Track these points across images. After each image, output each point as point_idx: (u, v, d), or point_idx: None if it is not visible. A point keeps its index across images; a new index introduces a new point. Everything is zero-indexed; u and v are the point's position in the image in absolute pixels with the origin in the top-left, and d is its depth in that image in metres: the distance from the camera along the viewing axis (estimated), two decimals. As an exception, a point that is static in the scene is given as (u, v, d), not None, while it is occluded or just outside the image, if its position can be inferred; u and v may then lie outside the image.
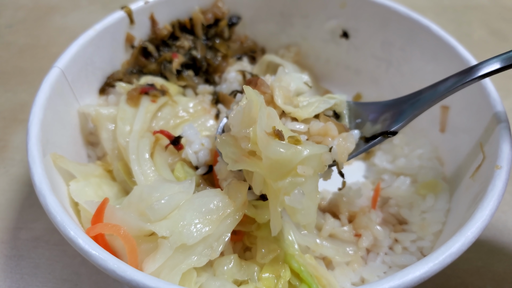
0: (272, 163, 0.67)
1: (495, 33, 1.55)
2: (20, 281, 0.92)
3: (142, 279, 0.59)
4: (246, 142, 0.70)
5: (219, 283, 0.72)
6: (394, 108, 0.85)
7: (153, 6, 1.07)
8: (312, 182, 0.69)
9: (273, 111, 0.73)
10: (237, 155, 0.72)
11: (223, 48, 1.15)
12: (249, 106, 0.69)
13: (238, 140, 0.71)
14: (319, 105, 0.84)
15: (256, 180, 0.73)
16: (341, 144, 0.77)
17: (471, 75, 0.76)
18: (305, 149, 0.68)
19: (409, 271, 0.61)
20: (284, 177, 0.67)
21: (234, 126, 0.71)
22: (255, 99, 0.69)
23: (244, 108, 0.69)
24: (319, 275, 0.80)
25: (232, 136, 0.73)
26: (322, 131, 0.79)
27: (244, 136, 0.70)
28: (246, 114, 0.69)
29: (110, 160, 0.93)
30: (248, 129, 0.69)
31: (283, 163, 0.67)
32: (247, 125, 0.69)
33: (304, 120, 0.82)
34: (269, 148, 0.66)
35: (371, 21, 1.09)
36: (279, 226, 0.72)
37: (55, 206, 0.67)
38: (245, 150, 0.70)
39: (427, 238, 0.89)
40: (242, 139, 0.70)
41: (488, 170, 0.76)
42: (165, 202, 0.73)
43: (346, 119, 0.88)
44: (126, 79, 1.07)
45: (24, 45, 1.49)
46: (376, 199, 0.96)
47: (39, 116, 0.80)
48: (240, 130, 0.70)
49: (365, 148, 0.83)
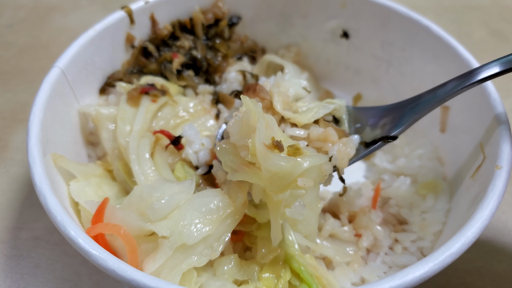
0: (272, 176, 0.66)
1: (495, 33, 1.55)
2: (20, 281, 0.92)
3: (142, 279, 0.59)
4: (245, 152, 0.69)
5: (219, 283, 0.72)
6: (394, 112, 0.85)
7: (153, 6, 1.07)
8: (313, 193, 0.69)
9: (272, 119, 0.73)
10: (237, 163, 0.71)
11: (223, 48, 1.15)
12: (247, 115, 0.68)
13: (237, 148, 0.71)
14: (318, 110, 0.84)
15: (255, 189, 0.72)
16: (341, 150, 0.77)
17: (470, 79, 0.76)
18: (305, 161, 0.67)
19: (409, 271, 0.61)
20: (284, 189, 0.67)
21: (233, 135, 0.71)
22: (253, 110, 0.68)
23: (243, 118, 0.69)
24: (319, 275, 0.80)
25: (232, 144, 0.72)
26: (322, 137, 0.79)
27: (244, 145, 0.69)
28: (244, 123, 0.69)
29: (110, 160, 0.93)
30: (247, 138, 0.68)
31: (283, 175, 0.66)
32: (246, 134, 0.69)
33: (304, 125, 0.82)
34: (268, 161, 0.66)
35: (371, 21, 1.09)
36: (280, 237, 0.71)
37: (56, 206, 0.67)
38: (244, 159, 0.70)
39: (427, 238, 0.89)
40: (242, 148, 0.70)
41: (488, 170, 0.76)
42: (165, 202, 0.73)
43: (345, 124, 0.88)
44: (126, 79, 1.07)
45: (24, 45, 1.49)
46: (376, 199, 0.96)
47: (39, 116, 0.80)
48: (239, 139, 0.70)
49: (365, 153, 0.83)
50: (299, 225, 0.67)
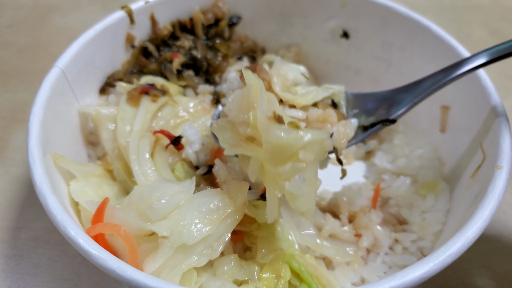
0: (273, 148, 0.65)
1: (495, 33, 1.55)
2: (20, 280, 0.92)
3: (142, 279, 0.59)
4: (244, 128, 0.68)
5: (219, 283, 0.72)
6: (392, 98, 0.85)
7: (154, 6, 1.07)
8: (313, 168, 0.67)
9: (273, 96, 0.72)
10: (235, 140, 0.70)
11: (224, 48, 1.15)
12: (248, 90, 0.67)
13: (235, 125, 0.70)
14: (317, 93, 0.84)
15: (252, 166, 0.71)
16: (340, 131, 0.76)
17: (469, 63, 0.79)
18: (307, 134, 0.66)
19: (409, 271, 0.61)
20: (285, 162, 0.65)
21: (232, 111, 0.70)
22: (254, 83, 0.67)
23: (243, 92, 0.68)
24: (319, 275, 0.80)
25: (229, 121, 0.71)
26: (322, 118, 0.78)
27: (243, 121, 0.68)
28: (245, 98, 0.67)
29: (111, 160, 0.93)
30: (246, 114, 0.67)
31: (284, 147, 0.65)
32: (245, 109, 0.67)
33: (303, 107, 0.81)
34: (270, 132, 0.65)
35: (371, 21, 1.09)
36: (276, 213, 0.70)
37: (56, 205, 0.67)
38: (243, 135, 0.68)
39: (427, 238, 0.89)
40: (240, 124, 0.69)
41: (488, 170, 0.76)
42: (165, 202, 0.73)
43: (343, 109, 0.87)
44: (126, 79, 1.07)
45: (24, 45, 1.49)
46: (376, 199, 0.96)
47: (40, 116, 0.80)
48: (238, 114, 0.68)
49: (364, 136, 0.82)
50: (297, 201, 0.66)
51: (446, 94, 0.97)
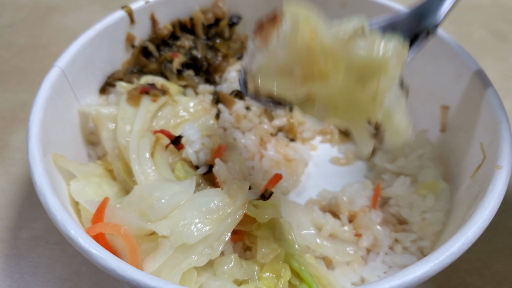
0: (360, 66, 0.59)
1: (495, 33, 1.55)
2: (20, 280, 0.92)
3: (142, 279, 0.59)
4: (301, 67, 0.60)
5: (219, 283, 0.72)
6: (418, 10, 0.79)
7: (154, 5, 1.08)
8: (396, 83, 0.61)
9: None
10: (292, 83, 0.62)
11: (224, 48, 1.15)
12: (295, 28, 0.59)
13: (285, 72, 0.62)
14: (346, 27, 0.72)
15: (319, 106, 0.64)
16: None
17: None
18: (389, 41, 0.59)
19: (409, 271, 0.61)
20: (372, 79, 0.59)
21: (279, 58, 0.61)
22: (302, 13, 0.59)
23: (291, 33, 0.59)
24: (319, 275, 0.80)
25: (276, 70, 0.62)
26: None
27: (297, 61, 0.60)
28: (292, 39, 0.59)
29: (111, 159, 0.93)
30: (299, 54, 0.59)
31: (373, 61, 0.58)
32: (297, 48, 0.59)
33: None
34: (352, 49, 0.58)
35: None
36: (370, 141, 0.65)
37: (56, 205, 0.67)
38: (300, 76, 0.61)
39: (427, 238, 0.89)
40: (294, 65, 0.60)
41: (489, 170, 0.76)
42: (165, 201, 0.73)
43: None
44: (126, 78, 1.07)
45: (24, 45, 1.49)
46: (376, 199, 0.96)
47: (40, 115, 0.80)
48: (288, 58, 0.60)
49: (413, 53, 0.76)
50: (396, 118, 0.59)
51: (446, 94, 0.97)
